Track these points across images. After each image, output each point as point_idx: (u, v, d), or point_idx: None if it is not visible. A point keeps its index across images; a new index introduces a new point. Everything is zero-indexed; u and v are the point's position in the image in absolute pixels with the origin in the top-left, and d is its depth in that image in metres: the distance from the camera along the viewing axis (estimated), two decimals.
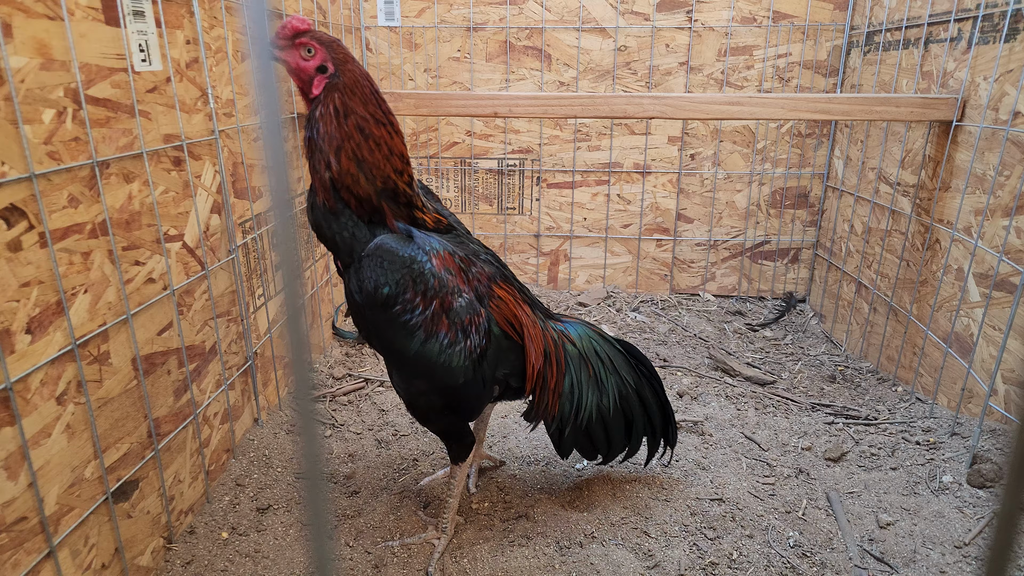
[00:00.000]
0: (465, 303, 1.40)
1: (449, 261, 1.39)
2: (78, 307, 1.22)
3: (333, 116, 1.31)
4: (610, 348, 1.65)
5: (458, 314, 1.38)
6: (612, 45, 2.94)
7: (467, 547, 1.57)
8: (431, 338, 1.36)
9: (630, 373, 1.65)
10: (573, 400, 1.58)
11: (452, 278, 1.39)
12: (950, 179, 2.08)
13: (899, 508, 1.68)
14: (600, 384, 1.61)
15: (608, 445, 1.66)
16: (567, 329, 1.62)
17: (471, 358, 1.41)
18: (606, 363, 1.62)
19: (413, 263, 1.33)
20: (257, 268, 1.96)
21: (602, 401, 1.61)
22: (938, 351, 2.06)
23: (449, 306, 1.37)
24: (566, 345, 1.59)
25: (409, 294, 1.33)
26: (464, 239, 1.52)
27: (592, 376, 1.60)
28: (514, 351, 1.51)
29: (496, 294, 1.48)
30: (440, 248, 1.39)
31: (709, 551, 1.56)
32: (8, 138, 1.05)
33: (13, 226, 1.07)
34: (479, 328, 1.42)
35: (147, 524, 1.45)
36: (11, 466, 1.09)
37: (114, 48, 1.28)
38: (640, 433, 1.68)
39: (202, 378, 1.66)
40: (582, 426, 1.61)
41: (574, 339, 1.61)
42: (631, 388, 1.64)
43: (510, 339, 1.50)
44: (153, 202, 1.42)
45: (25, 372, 1.10)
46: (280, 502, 1.71)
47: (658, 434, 1.71)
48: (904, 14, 2.35)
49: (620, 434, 1.66)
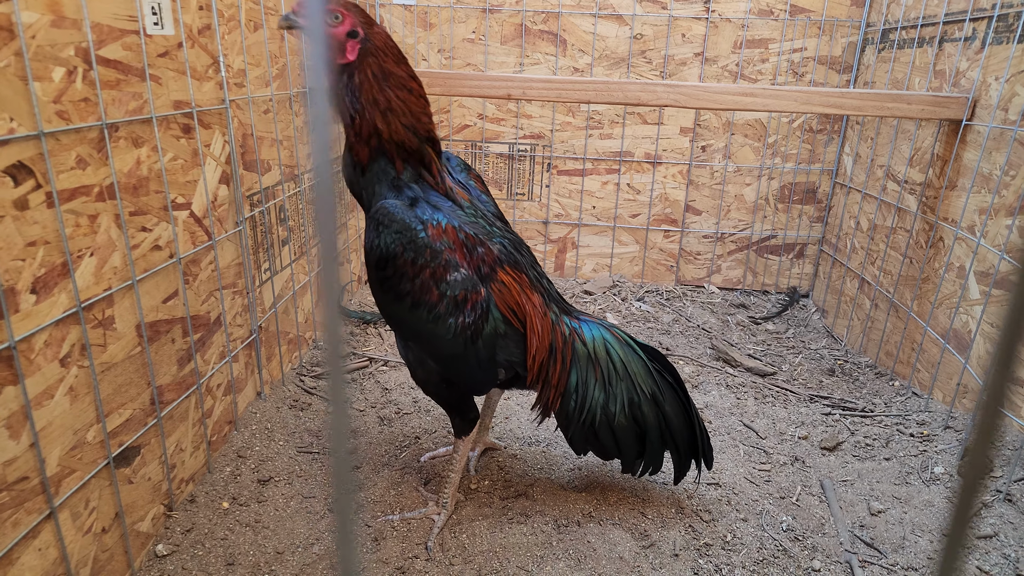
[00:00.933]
0: (460, 278, 1.39)
1: (451, 234, 1.39)
2: (83, 270, 1.22)
3: (374, 80, 1.34)
4: (629, 353, 1.57)
5: (451, 287, 1.38)
6: (628, 33, 2.92)
7: (466, 523, 1.58)
8: (418, 306, 1.38)
9: (647, 380, 1.56)
10: (576, 399, 1.53)
11: (449, 251, 1.38)
12: (957, 178, 2.07)
13: (891, 496, 1.70)
14: (608, 387, 1.55)
15: (619, 450, 1.59)
16: (581, 328, 1.57)
17: (463, 335, 1.41)
18: (618, 367, 1.55)
19: (407, 230, 1.34)
20: (264, 242, 1.97)
21: (609, 405, 1.54)
22: (936, 347, 2.06)
23: (441, 277, 1.37)
24: (575, 343, 1.54)
25: (400, 260, 1.35)
26: (482, 219, 1.50)
27: (600, 379, 1.54)
28: (516, 339, 1.48)
29: (499, 278, 1.45)
30: (444, 220, 1.39)
31: (704, 532, 1.57)
32: (17, 94, 1.05)
33: (20, 184, 1.07)
34: (475, 306, 1.41)
35: (148, 491, 1.46)
36: (13, 425, 1.09)
37: (126, 9, 1.28)
38: (657, 444, 1.58)
39: (206, 349, 1.66)
40: (586, 426, 1.56)
41: (586, 339, 1.55)
42: (645, 395, 1.55)
43: (511, 325, 1.47)
44: (162, 168, 1.42)
45: (29, 332, 1.10)
46: (281, 474, 1.72)
47: (682, 449, 1.59)
48: (920, 12, 2.33)
49: (631, 442, 1.58)
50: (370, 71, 1.34)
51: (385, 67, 1.35)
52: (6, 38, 1.02)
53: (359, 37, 1.34)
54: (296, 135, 2.14)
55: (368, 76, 1.34)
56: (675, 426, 1.57)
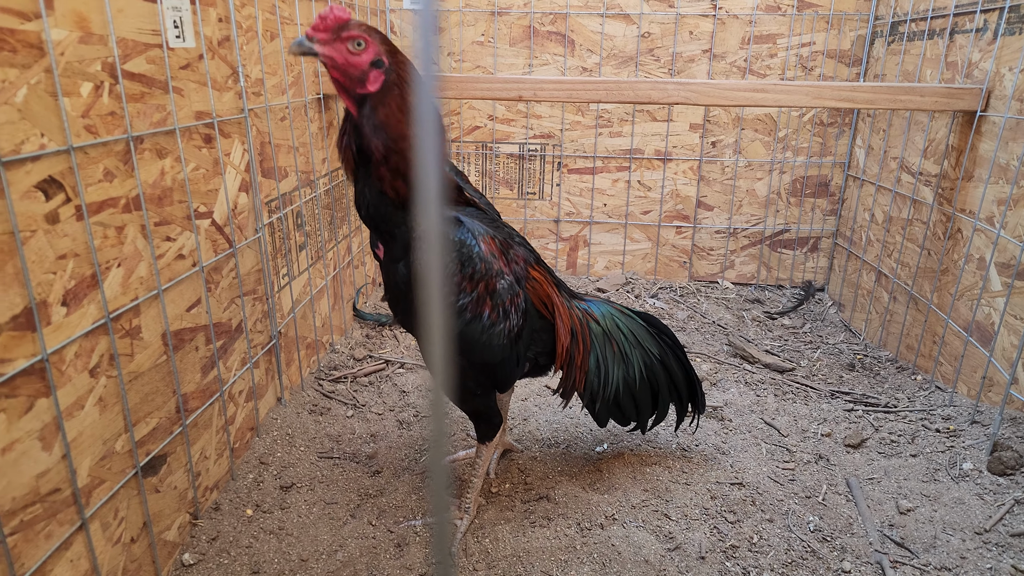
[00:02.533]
0: (507, 285, 1.44)
1: (492, 244, 1.43)
2: (111, 281, 1.23)
3: (400, 114, 1.26)
4: (632, 323, 1.70)
5: (500, 296, 1.42)
6: (636, 31, 2.92)
7: (488, 527, 1.58)
8: (476, 319, 1.40)
9: (653, 344, 1.70)
10: (600, 375, 1.63)
11: (496, 261, 1.42)
12: (973, 169, 2.06)
13: (919, 494, 1.68)
14: (625, 358, 1.66)
15: (637, 413, 1.71)
16: (591, 308, 1.68)
17: (509, 337, 1.46)
18: (629, 338, 1.67)
19: (463, 246, 1.37)
20: (282, 248, 1.98)
21: (628, 374, 1.66)
22: (958, 340, 2.05)
23: (493, 288, 1.41)
24: (590, 323, 1.65)
25: (458, 276, 1.36)
26: (498, 222, 1.55)
27: (617, 351, 1.66)
28: (545, 330, 1.58)
29: (531, 275, 1.52)
30: (485, 232, 1.43)
31: (730, 534, 1.56)
32: (47, 110, 1.06)
33: (51, 198, 1.08)
34: (518, 308, 1.47)
35: (174, 499, 1.47)
36: (46, 437, 1.10)
37: (150, 24, 1.29)
38: (667, 400, 1.72)
39: (228, 356, 1.67)
40: (610, 399, 1.65)
41: (597, 317, 1.66)
42: (655, 359, 1.69)
43: (543, 318, 1.56)
44: (184, 178, 1.43)
45: (61, 344, 1.11)
46: (303, 481, 1.73)
47: (684, 400, 1.75)
48: (930, 4, 2.32)
49: (647, 403, 1.71)
50: (395, 104, 1.26)
51: (411, 102, 1.27)
52: (36, 55, 1.03)
53: (383, 67, 1.25)
54: (311, 141, 2.14)
55: (393, 110, 1.26)
56: (678, 379, 1.72)
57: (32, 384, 1.06)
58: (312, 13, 2.09)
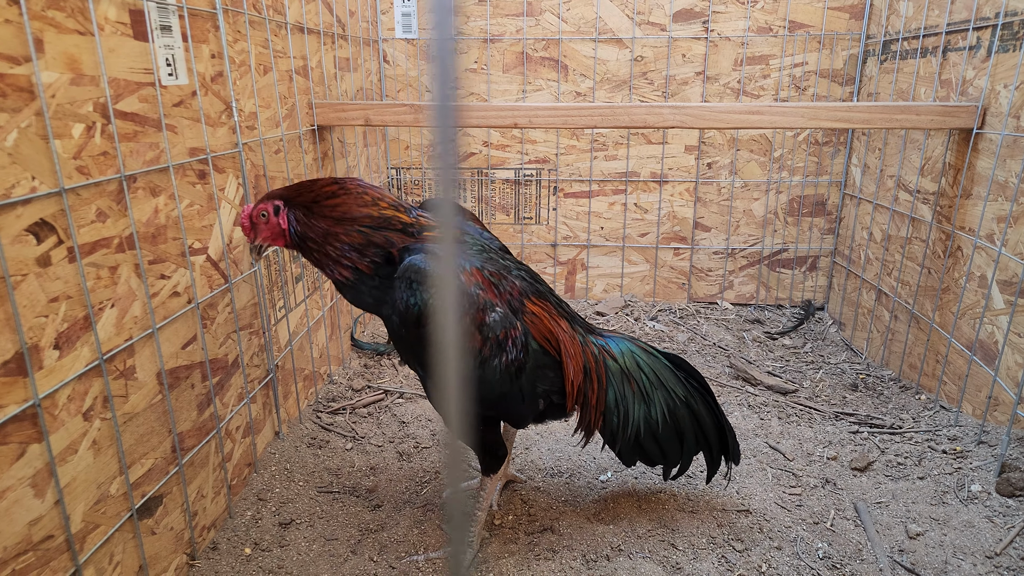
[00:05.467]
0: (499, 317, 1.40)
1: (478, 276, 1.40)
2: (105, 322, 1.21)
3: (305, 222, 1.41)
4: (655, 362, 1.62)
5: (492, 328, 1.38)
6: (629, 55, 2.94)
7: (492, 561, 1.55)
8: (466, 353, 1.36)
9: (678, 386, 1.61)
10: (619, 414, 1.57)
11: (483, 293, 1.39)
12: (971, 186, 2.05)
13: (928, 518, 1.66)
14: (647, 398, 1.59)
15: (664, 457, 1.65)
16: (608, 344, 1.60)
17: (508, 372, 1.41)
18: (650, 377, 1.60)
19: None
20: (278, 280, 1.96)
21: (651, 415, 1.59)
22: (962, 359, 2.03)
23: (481, 321, 1.38)
24: (607, 361, 1.58)
25: None
26: (494, 255, 1.52)
27: (636, 390, 1.58)
28: (553, 367, 1.51)
29: (529, 309, 1.48)
30: (466, 265, 1.40)
31: (738, 563, 1.53)
32: (39, 153, 1.05)
33: (43, 241, 1.07)
34: (516, 341, 1.42)
35: (170, 540, 1.44)
36: (38, 484, 1.08)
37: (142, 63, 1.29)
38: (692, 447, 1.64)
39: (225, 392, 1.65)
40: (631, 439, 1.59)
41: (615, 354, 1.59)
42: (679, 401, 1.61)
43: (548, 355, 1.50)
44: (179, 215, 1.42)
45: (53, 388, 1.10)
46: (302, 516, 1.70)
47: (714, 449, 1.66)
48: (921, 23, 2.33)
49: (675, 446, 1.63)
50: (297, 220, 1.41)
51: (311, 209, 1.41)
52: (27, 99, 1.02)
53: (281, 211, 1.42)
54: (306, 172, 2.14)
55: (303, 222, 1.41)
56: (707, 426, 1.63)
57: (24, 430, 1.04)
58: (305, 46, 2.10)
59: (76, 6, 1.12)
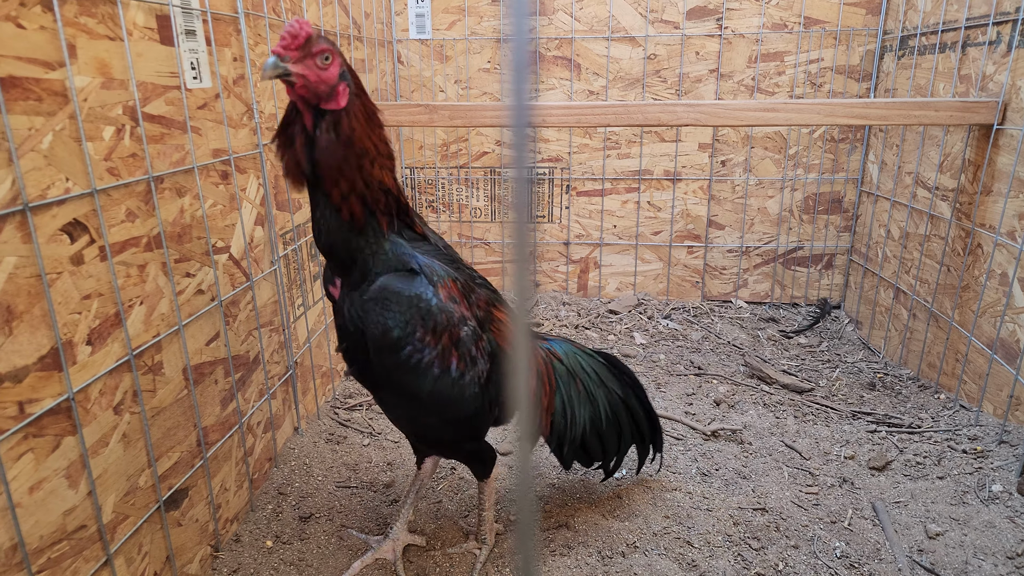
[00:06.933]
0: (471, 331, 1.32)
1: (453, 288, 1.31)
2: (134, 319, 1.25)
3: (365, 124, 1.19)
4: (593, 361, 1.67)
5: (465, 344, 1.31)
6: (641, 54, 2.94)
7: (509, 556, 1.57)
8: (444, 373, 1.29)
9: (616, 384, 1.68)
10: (567, 416, 1.59)
11: (457, 307, 1.30)
12: (991, 183, 2.04)
13: (948, 518, 1.65)
14: (591, 398, 1.63)
15: (604, 454, 1.69)
16: (553, 347, 1.63)
17: (479, 383, 1.35)
18: (592, 377, 1.64)
19: (419, 301, 1.24)
20: (297, 278, 2.00)
21: (595, 414, 1.63)
22: (982, 357, 2.02)
23: (457, 337, 1.30)
24: (554, 363, 1.59)
25: (419, 333, 1.24)
26: (458, 262, 1.41)
27: (582, 391, 1.62)
28: None
29: (495, 317, 1.42)
30: (444, 276, 1.30)
31: (754, 561, 1.54)
32: (72, 155, 1.09)
33: (76, 240, 1.10)
34: (483, 351, 1.36)
35: (196, 532, 1.47)
36: (72, 475, 1.11)
37: (168, 66, 1.32)
38: (629, 440, 1.70)
39: (246, 387, 1.68)
40: (577, 440, 1.61)
41: (561, 356, 1.62)
42: (618, 398, 1.67)
43: None
44: (203, 215, 1.46)
45: (86, 382, 1.13)
46: (322, 510, 1.72)
47: (647, 440, 1.74)
48: (940, 18, 2.32)
49: (614, 443, 1.69)
50: (362, 116, 1.18)
51: (368, 106, 1.20)
52: (61, 103, 1.06)
53: (348, 80, 1.17)
54: None
55: (362, 122, 1.17)
56: (640, 419, 1.71)
57: (59, 423, 1.08)
58: None
59: (107, 12, 1.15)
